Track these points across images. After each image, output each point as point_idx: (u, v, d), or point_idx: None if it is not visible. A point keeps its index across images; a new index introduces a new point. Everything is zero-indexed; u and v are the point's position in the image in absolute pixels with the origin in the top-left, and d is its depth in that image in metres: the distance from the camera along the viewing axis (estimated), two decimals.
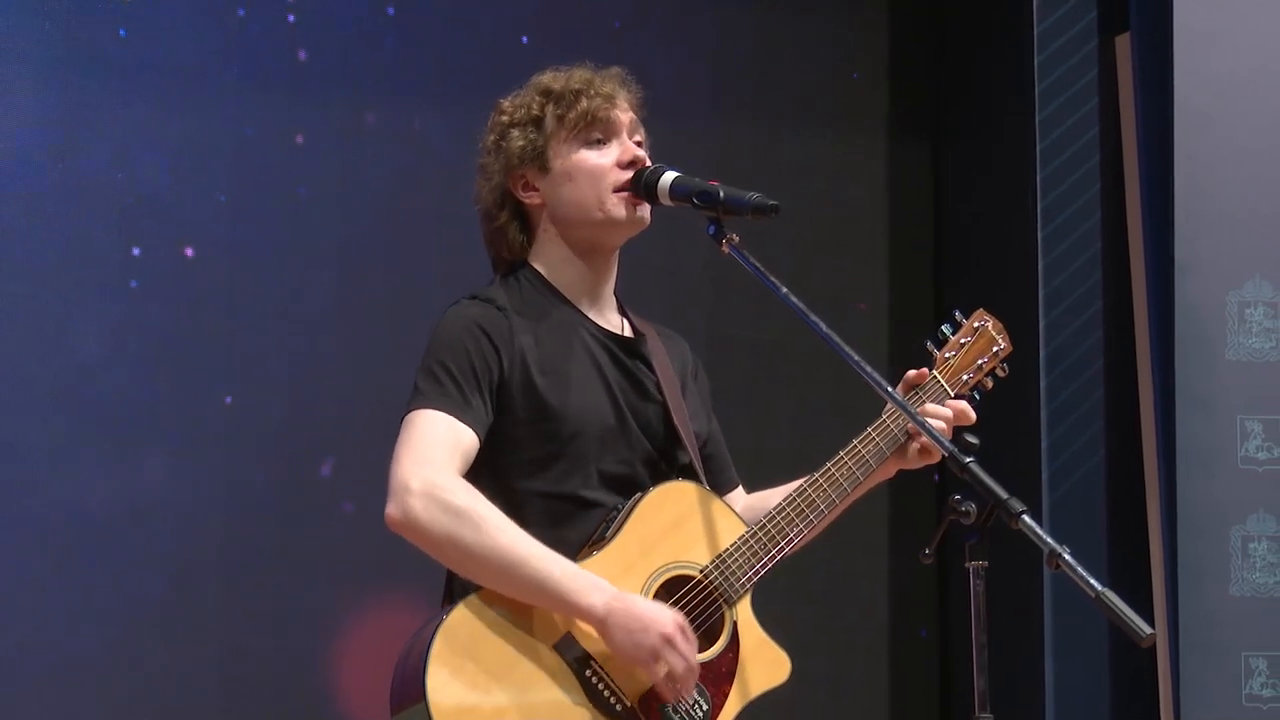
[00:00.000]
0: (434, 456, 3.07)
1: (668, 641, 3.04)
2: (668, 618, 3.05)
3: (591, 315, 3.32)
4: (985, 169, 6.02)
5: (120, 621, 4.82)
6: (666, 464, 3.28)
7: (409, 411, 3.14)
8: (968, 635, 2.88)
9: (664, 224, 3.45)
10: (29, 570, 4.75)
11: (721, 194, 3.18)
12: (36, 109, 4.90)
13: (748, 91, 5.92)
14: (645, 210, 3.29)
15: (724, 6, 5.92)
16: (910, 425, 3.27)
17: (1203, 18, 5.33)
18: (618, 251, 3.36)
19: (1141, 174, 5.53)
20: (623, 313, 3.40)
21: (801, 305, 3.11)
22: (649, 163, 3.30)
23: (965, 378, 3.43)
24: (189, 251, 5.02)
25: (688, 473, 3.28)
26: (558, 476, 3.18)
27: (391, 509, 3.06)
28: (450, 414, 3.11)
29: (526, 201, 3.32)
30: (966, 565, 2.88)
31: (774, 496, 3.36)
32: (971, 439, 3.02)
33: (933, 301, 6.08)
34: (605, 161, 3.28)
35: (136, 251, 4.95)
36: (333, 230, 5.21)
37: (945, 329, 3.47)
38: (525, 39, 5.49)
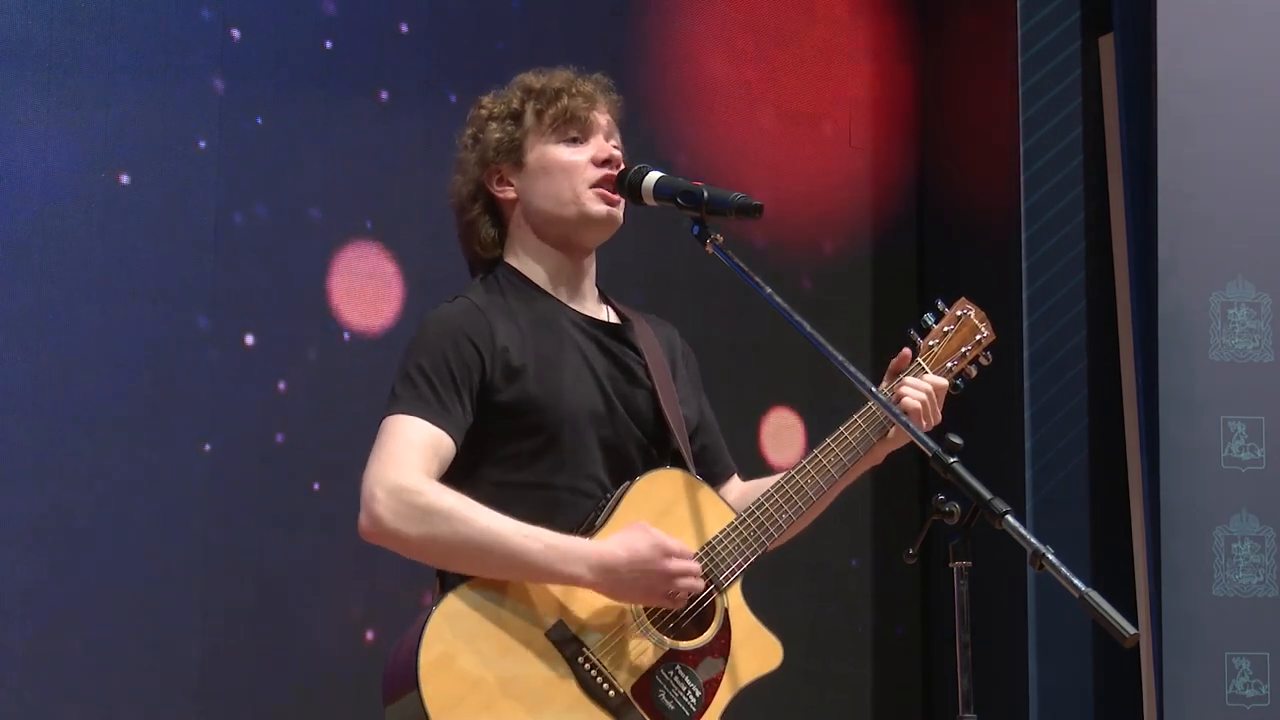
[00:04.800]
0: (403, 461, 3.07)
1: (669, 577, 3.07)
2: (651, 552, 3.07)
3: (573, 305, 3.32)
4: (968, 169, 6.02)
5: (100, 623, 4.80)
6: (657, 449, 3.28)
7: (384, 418, 3.13)
8: (951, 635, 2.88)
9: (645, 224, 3.43)
10: (11, 572, 4.74)
11: (705, 194, 3.18)
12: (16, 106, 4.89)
13: (729, 91, 5.91)
14: (619, 208, 3.29)
15: (706, 8, 5.91)
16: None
17: (1186, 19, 5.34)
18: (594, 252, 3.36)
19: (1125, 174, 5.54)
20: (606, 302, 3.40)
21: (785, 305, 3.11)
22: (624, 163, 3.31)
23: (949, 365, 3.44)
24: (170, 251, 5.01)
25: (678, 458, 3.28)
26: (548, 467, 3.18)
27: (361, 519, 3.07)
28: (424, 418, 3.10)
29: (500, 196, 3.34)
30: (950, 565, 2.88)
31: (766, 484, 3.36)
32: (955, 439, 3.01)
33: (916, 302, 6.08)
34: (580, 158, 3.30)
35: (119, 251, 4.93)
36: (320, 235, 5.21)
37: (928, 317, 3.47)
38: (500, 44, 5.47)
